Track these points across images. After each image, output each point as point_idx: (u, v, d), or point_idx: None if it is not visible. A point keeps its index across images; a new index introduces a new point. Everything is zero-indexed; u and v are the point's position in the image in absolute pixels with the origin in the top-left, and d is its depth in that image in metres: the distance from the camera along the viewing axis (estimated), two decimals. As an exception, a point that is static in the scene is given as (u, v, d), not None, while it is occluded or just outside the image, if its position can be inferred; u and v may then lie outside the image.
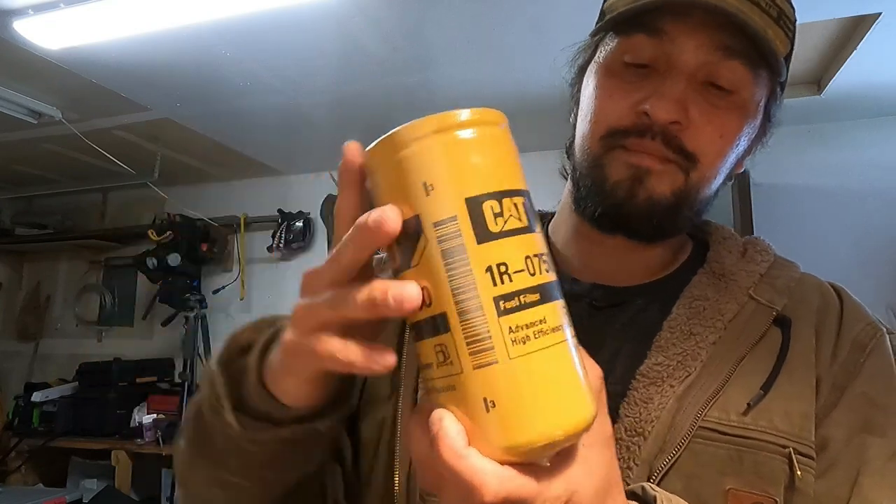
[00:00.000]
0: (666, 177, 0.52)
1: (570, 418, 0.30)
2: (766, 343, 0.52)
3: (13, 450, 3.06)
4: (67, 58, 2.06)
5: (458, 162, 0.29)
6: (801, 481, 0.47)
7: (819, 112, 2.66)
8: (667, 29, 0.51)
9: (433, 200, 0.29)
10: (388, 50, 2.06)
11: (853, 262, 2.52)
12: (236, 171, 3.46)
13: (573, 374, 0.30)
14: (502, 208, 0.29)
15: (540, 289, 0.29)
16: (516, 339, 0.29)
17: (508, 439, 0.29)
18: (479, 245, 0.28)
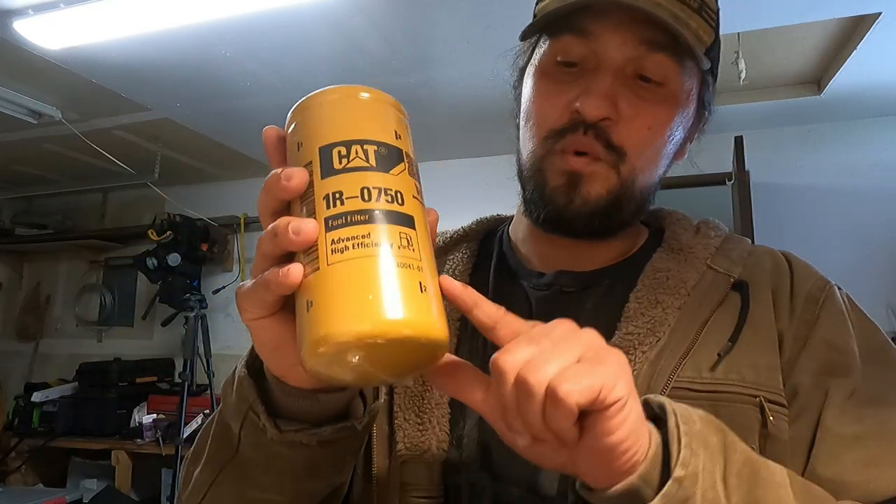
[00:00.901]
0: (598, 177, 0.54)
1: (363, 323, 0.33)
2: (727, 306, 0.54)
3: (13, 450, 3.07)
4: (67, 58, 2.07)
5: (313, 123, 0.38)
6: (773, 427, 0.49)
7: (819, 112, 2.66)
8: (592, 29, 0.53)
9: (302, 153, 0.38)
10: (388, 50, 2.06)
11: (853, 261, 2.52)
12: (236, 171, 3.46)
13: (393, 282, 0.34)
14: (349, 152, 0.37)
15: (370, 212, 0.35)
16: (336, 249, 0.34)
17: (314, 334, 0.33)
18: (322, 179, 0.36)
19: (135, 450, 2.85)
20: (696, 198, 2.92)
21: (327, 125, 0.38)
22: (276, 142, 0.40)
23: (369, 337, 0.33)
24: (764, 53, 2.26)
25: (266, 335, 0.40)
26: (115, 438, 2.92)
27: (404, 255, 0.35)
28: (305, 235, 0.35)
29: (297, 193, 0.36)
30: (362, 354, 0.34)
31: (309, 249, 0.35)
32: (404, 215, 0.36)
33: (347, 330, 0.33)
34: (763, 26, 1.94)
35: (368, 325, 0.33)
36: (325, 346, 0.33)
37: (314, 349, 0.33)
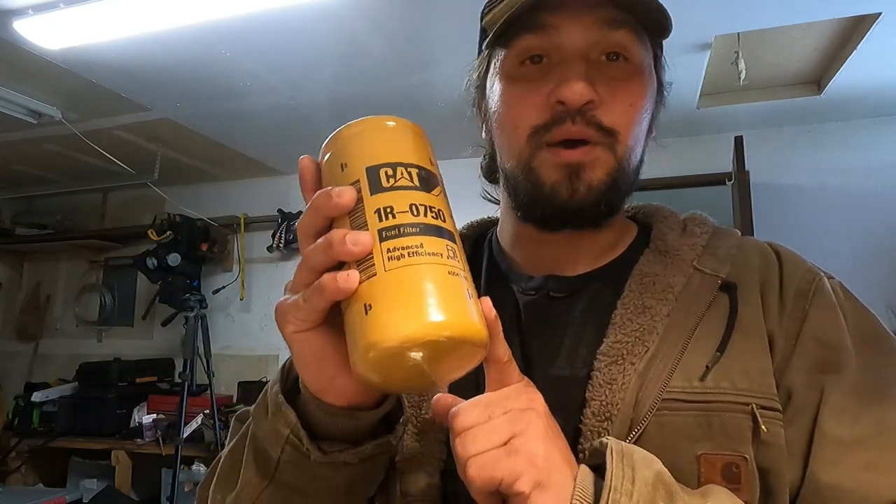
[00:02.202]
0: (597, 163, 0.54)
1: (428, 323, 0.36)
2: (716, 310, 0.53)
3: (13, 450, 3.07)
4: (67, 58, 2.07)
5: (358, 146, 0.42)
6: (767, 434, 0.48)
7: (819, 112, 2.66)
8: (550, 22, 0.53)
9: (346, 173, 0.41)
10: (388, 50, 2.06)
11: (853, 261, 2.53)
12: (236, 171, 3.46)
13: (441, 285, 0.37)
14: (395, 172, 0.40)
15: (420, 225, 0.38)
16: (392, 257, 0.37)
17: (379, 333, 0.36)
18: (371, 196, 0.39)
19: (135, 450, 2.85)
20: (696, 198, 2.93)
21: (372, 148, 0.41)
22: (314, 168, 0.43)
23: (434, 335, 0.36)
24: (764, 53, 2.26)
25: (309, 348, 0.42)
26: (115, 438, 2.93)
27: (452, 265, 0.38)
28: (363, 245, 0.37)
29: (348, 209, 0.39)
30: (423, 353, 0.37)
31: (361, 260, 0.37)
32: (448, 230, 0.40)
33: (415, 328, 0.35)
34: (763, 26, 1.94)
35: (432, 327, 0.36)
36: (391, 345, 0.36)
37: (380, 347, 0.36)
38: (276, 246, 3.35)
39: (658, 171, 2.85)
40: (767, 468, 0.49)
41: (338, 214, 0.39)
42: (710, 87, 2.47)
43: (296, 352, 0.43)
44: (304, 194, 0.42)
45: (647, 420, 0.48)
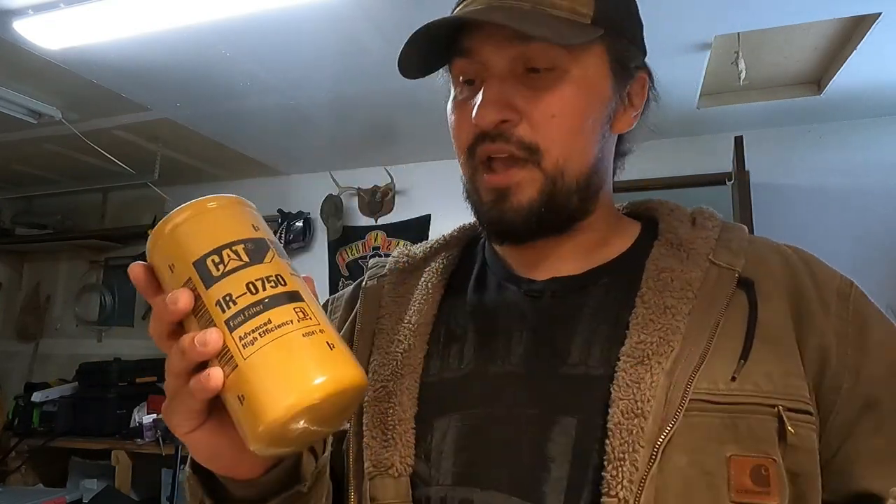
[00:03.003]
0: (524, 184, 0.54)
1: (298, 395, 0.37)
2: (734, 308, 0.53)
3: (13, 450, 3.06)
4: (67, 58, 2.06)
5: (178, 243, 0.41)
6: (794, 437, 0.48)
7: (819, 112, 2.66)
8: (469, 46, 0.55)
9: (176, 274, 0.40)
10: (388, 50, 2.06)
11: (853, 261, 2.51)
12: (236, 171, 3.46)
13: (300, 353, 0.38)
14: (222, 258, 0.40)
15: (263, 301, 0.39)
16: (246, 343, 0.37)
17: (257, 421, 0.37)
18: (207, 290, 0.39)
19: (135, 450, 2.85)
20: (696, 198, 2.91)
21: (193, 241, 0.40)
22: (146, 275, 0.42)
23: (306, 404, 0.37)
24: (764, 53, 2.26)
25: (201, 445, 0.43)
26: (115, 438, 2.92)
27: (305, 325, 0.39)
28: (213, 344, 0.37)
29: (186, 312, 0.39)
30: (304, 420, 0.38)
31: (220, 354, 0.38)
32: (291, 293, 0.40)
33: (287, 406, 0.36)
34: (763, 26, 1.94)
35: (302, 395, 0.37)
36: (272, 427, 0.37)
37: (263, 434, 0.37)
38: (276, 246, 3.35)
39: (658, 171, 2.86)
40: (797, 471, 0.48)
41: (177, 319, 0.40)
42: (710, 87, 2.47)
43: (192, 451, 0.45)
44: (148, 300, 0.42)
45: (677, 419, 0.47)
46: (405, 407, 0.56)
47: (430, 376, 0.58)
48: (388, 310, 0.64)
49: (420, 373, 0.58)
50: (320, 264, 3.39)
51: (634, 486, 0.45)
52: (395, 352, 0.59)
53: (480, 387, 0.55)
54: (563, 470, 0.49)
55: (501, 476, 0.51)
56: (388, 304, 0.64)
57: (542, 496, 0.49)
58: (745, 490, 0.46)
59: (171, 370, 0.40)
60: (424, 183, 3.22)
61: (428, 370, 0.58)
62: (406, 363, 0.58)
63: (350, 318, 0.67)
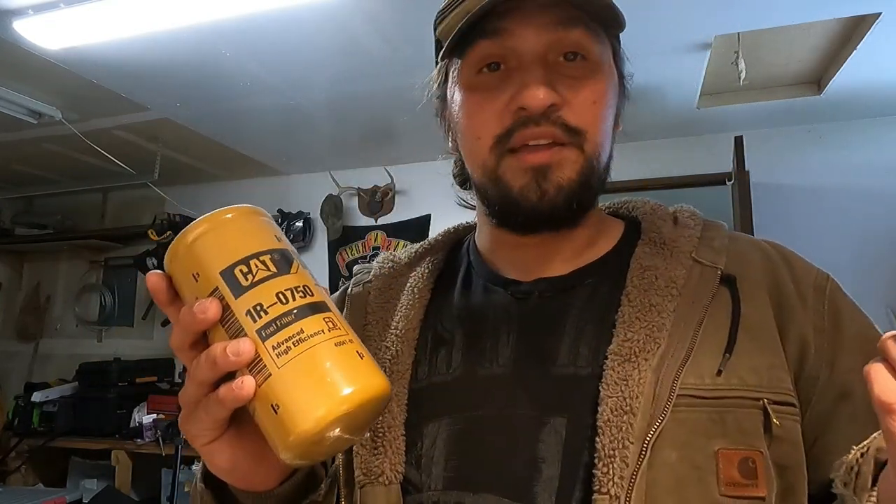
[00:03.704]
0: (565, 162, 0.53)
1: (336, 402, 0.38)
2: (718, 303, 0.54)
3: (13, 450, 3.06)
4: (67, 58, 2.06)
5: (202, 253, 0.41)
6: (780, 429, 0.49)
7: (819, 112, 2.66)
8: (503, 27, 0.53)
9: (201, 283, 0.40)
10: (388, 50, 2.06)
11: (853, 261, 2.53)
12: (236, 171, 3.46)
13: (334, 362, 0.39)
14: (250, 268, 0.40)
15: (294, 311, 0.39)
16: (280, 353, 0.38)
17: (293, 429, 0.37)
18: (236, 299, 0.39)
19: (135, 450, 2.85)
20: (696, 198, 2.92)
21: (219, 251, 0.41)
22: (166, 284, 0.42)
23: (341, 412, 0.38)
24: (764, 53, 2.26)
25: (222, 456, 0.43)
26: (115, 438, 2.92)
27: (335, 335, 0.40)
28: (247, 354, 0.38)
29: (216, 321, 0.39)
30: (339, 428, 0.39)
31: (251, 364, 0.38)
32: (319, 303, 0.41)
33: (322, 415, 0.37)
34: (763, 26, 1.94)
35: (338, 404, 0.38)
36: (308, 435, 0.37)
37: (296, 442, 0.38)
38: (276, 246, 3.35)
39: (658, 171, 2.86)
40: (784, 464, 0.49)
41: (205, 328, 0.40)
42: (710, 87, 2.47)
43: (210, 462, 0.44)
44: (164, 309, 0.42)
45: (665, 414, 0.48)
46: (394, 414, 0.55)
47: (418, 382, 0.58)
48: (375, 316, 0.63)
49: (409, 379, 0.58)
50: (320, 264, 3.39)
51: (625, 483, 0.46)
52: (384, 359, 0.59)
53: (469, 390, 0.55)
54: (553, 469, 0.49)
55: (493, 479, 0.51)
56: (374, 310, 0.64)
57: (534, 496, 0.49)
58: (734, 483, 0.47)
59: (195, 379, 0.40)
60: (424, 183, 3.22)
61: (416, 376, 0.58)
62: (394, 370, 0.58)
63: None
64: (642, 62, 2.14)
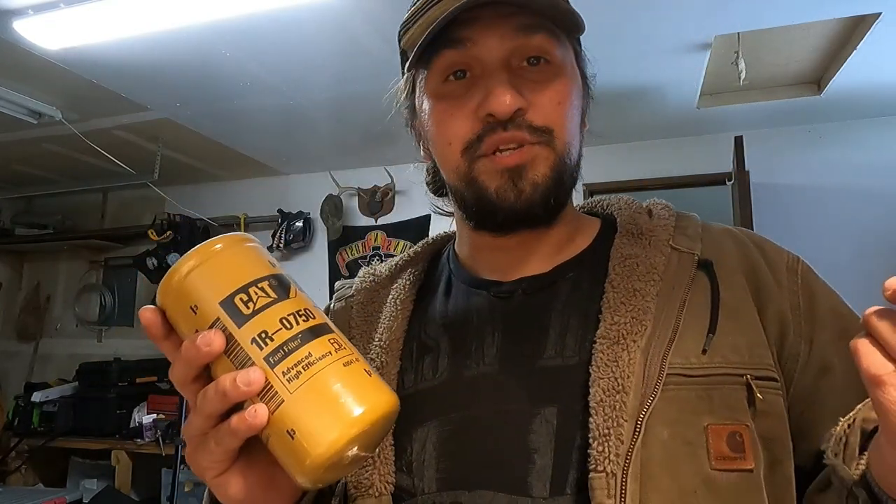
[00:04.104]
0: (538, 160, 0.54)
1: (350, 423, 0.38)
2: (697, 287, 0.55)
3: (13, 450, 3.07)
4: (67, 58, 2.07)
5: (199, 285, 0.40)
6: (763, 403, 0.51)
7: (819, 112, 2.66)
8: (466, 36, 0.54)
9: (200, 315, 0.40)
10: (388, 50, 2.06)
11: (853, 261, 2.53)
12: (236, 171, 3.46)
13: (344, 382, 0.39)
14: (250, 296, 0.40)
15: (299, 335, 0.39)
16: (290, 378, 0.38)
17: (312, 453, 0.37)
18: (239, 328, 0.39)
19: (135, 450, 2.85)
20: (696, 198, 2.92)
21: (216, 281, 0.40)
22: (160, 319, 0.42)
23: (359, 428, 0.38)
24: (764, 53, 2.26)
25: (234, 488, 0.43)
26: (115, 438, 2.93)
27: (342, 356, 0.40)
28: (257, 383, 0.38)
29: (220, 353, 0.39)
30: (356, 447, 0.39)
31: (261, 392, 0.38)
32: (322, 325, 0.41)
33: (341, 432, 0.38)
34: (763, 26, 1.94)
35: (355, 420, 0.38)
36: (327, 457, 0.38)
37: (319, 465, 0.38)
38: (275, 246, 3.35)
39: (658, 171, 2.86)
40: (770, 436, 0.51)
41: (209, 360, 0.40)
42: (710, 87, 2.48)
43: (223, 493, 0.44)
44: (158, 344, 0.42)
45: (656, 393, 0.49)
46: None
47: (405, 390, 0.58)
48: (359, 330, 0.64)
49: (395, 389, 0.57)
50: (320, 264, 3.39)
51: (621, 460, 0.47)
52: None
53: (456, 392, 0.56)
54: (546, 458, 0.50)
55: (486, 475, 0.51)
56: (357, 324, 0.65)
57: (529, 487, 0.50)
58: (723, 457, 0.48)
59: (203, 412, 0.40)
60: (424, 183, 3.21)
61: (403, 385, 0.59)
62: None
63: None
64: (642, 62, 2.14)
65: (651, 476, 0.47)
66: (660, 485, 0.47)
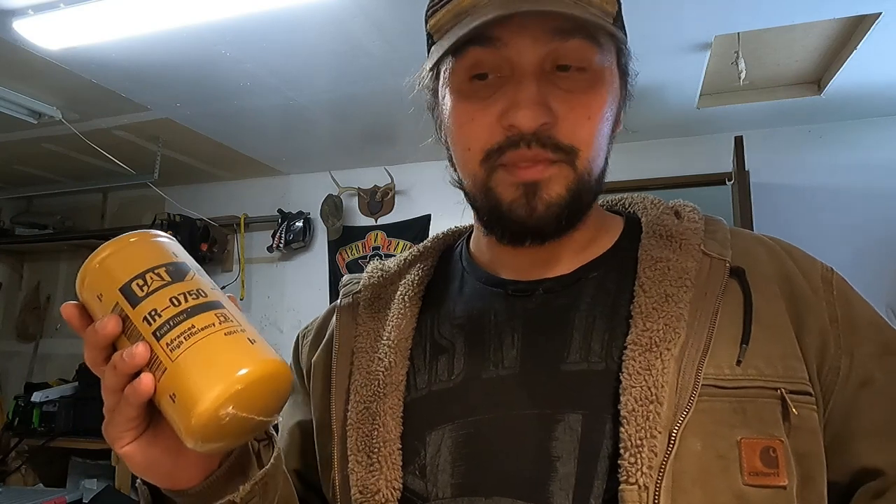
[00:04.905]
0: (555, 179, 0.52)
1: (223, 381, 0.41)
2: (729, 295, 0.53)
3: (13, 450, 3.06)
4: (67, 58, 2.06)
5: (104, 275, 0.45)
6: (797, 418, 0.49)
7: (819, 112, 2.66)
8: (498, 35, 0.51)
9: (104, 302, 0.44)
10: (388, 50, 2.06)
11: (853, 261, 2.52)
12: (236, 171, 3.46)
13: (222, 348, 0.42)
14: (146, 280, 0.43)
15: (185, 311, 0.43)
16: (173, 347, 0.41)
17: (189, 413, 0.40)
18: (133, 309, 0.43)
19: (135, 450, 2.84)
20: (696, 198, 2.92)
21: (118, 270, 0.44)
22: (78, 311, 0.45)
23: (232, 390, 0.41)
24: (764, 53, 2.26)
25: (139, 457, 0.46)
26: (115, 438, 2.92)
27: (227, 327, 0.43)
28: (140, 355, 0.41)
29: (116, 334, 0.43)
30: (233, 406, 0.41)
31: (150, 362, 0.42)
32: (211, 302, 0.44)
33: (215, 395, 0.40)
34: (763, 26, 1.94)
35: (228, 383, 0.41)
36: (204, 416, 0.40)
37: (197, 425, 0.40)
38: (276, 246, 3.35)
39: (658, 171, 2.86)
40: (803, 452, 0.49)
41: (108, 342, 0.43)
42: (710, 87, 2.47)
43: (131, 465, 0.47)
44: (81, 335, 0.45)
45: (691, 405, 0.47)
46: (389, 427, 0.54)
47: (418, 391, 0.56)
48: (366, 327, 0.62)
49: (403, 390, 0.56)
50: (320, 264, 3.39)
51: (654, 473, 0.45)
52: (377, 370, 0.58)
53: (474, 394, 0.54)
54: (569, 466, 0.48)
55: (505, 481, 0.49)
56: (364, 321, 0.63)
57: (549, 496, 0.48)
58: (757, 472, 0.47)
59: (106, 388, 0.43)
60: (424, 183, 3.22)
61: (416, 385, 0.57)
62: (387, 381, 0.57)
63: (323, 342, 0.66)
64: (642, 62, 2.13)
65: (683, 490, 0.45)
66: (691, 499, 0.45)
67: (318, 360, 0.64)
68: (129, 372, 0.42)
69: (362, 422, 0.56)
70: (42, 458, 3.09)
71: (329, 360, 0.62)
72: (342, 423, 0.57)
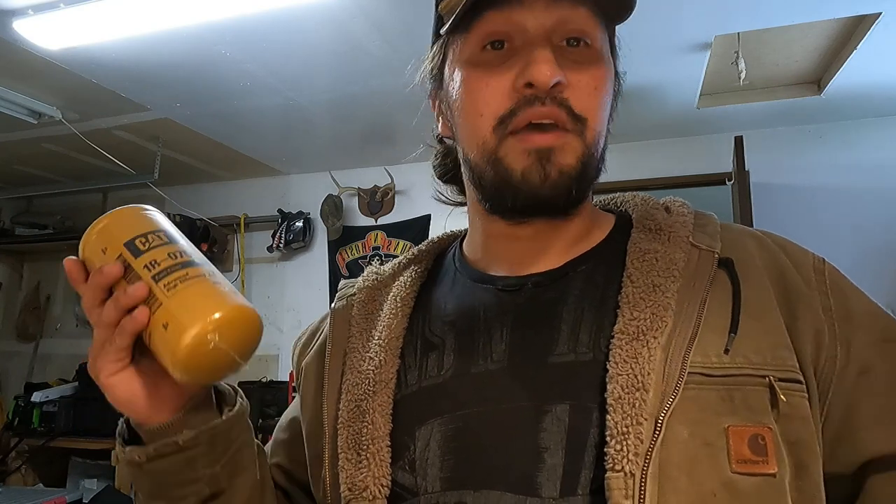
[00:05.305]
0: (567, 148, 0.53)
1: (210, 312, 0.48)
2: (717, 285, 0.54)
3: (13, 450, 3.07)
4: (67, 58, 2.07)
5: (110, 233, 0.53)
6: (786, 405, 0.49)
7: (819, 112, 2.66)
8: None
9: (108, 253, 0.51)
10: (388, 50, 2.07)
11: (853, 261, 2.51)
12: (236, 171, 3.46)
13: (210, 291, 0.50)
14: (147, 239, 0.51)
15: (181, 263, 0.50)
16: (169, 287, 0.49)
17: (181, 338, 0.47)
18: (136, 259, 0.50)
19: (135, 450, 2.84)
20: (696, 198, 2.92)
21: (124, 229, 0.52)
22: (79, 266, 0.53)
23: (217, 320, 0.48)
24: (764, 53, 2.26)
25: (121, 388, 0.52)
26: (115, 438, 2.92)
27: (214, 279, 0.51)
28: (140, 289, 0.48)
29: (117, 277, 0.50)
30: (218, 333, 0.47)
31: (146, 300, 0.49)
32: (202, 262, 0.52)
33: (204, 319, 0.47)
34: (763, 26, 1.94)
35: (216, 313, 0.48)
36: (193, 335, 0.46)
37: (185, 343, 0.46)
38: (276, 246, 3.35)
39: (658, 171, 2.86)
40: (794, 440, 0.49)
41: (109, 283, 0.50)
42: (710, 87, 2.48)
43: (111, 395, 0.53)
44: (77, 287, 0.52)
45: (677, 393, 0.47)
46: (378, 424, 0.55)
47: (408, 388, 0.57)
48: (359, 328, 0.63)
49: (393, 388, 0.57)
50: (320, 264, 3.39)
51: (640, 460, 0.45)
52: (367, 369, 0.58)
53: (462, 389, 0.54)
54: (557, 457, 0.48)
55: (493, 474, 0.50)
56: (357, 322, 0.64)
57: (538, 486, 0.48)
58: (745, 460, 0.46)
59: (101, 322, 0.49)
60: (424, 183, 3.19)
61: (406, 382, 0.57)
62: (378, 379, 0.57)
63: (315, 345, 0.67)
64: (643, 62, 2.14)
65: (669, 477, 0.45)
66: (678, 486, 0.45)
67: (310, 362, 0.66)
68: (128, 305, 0.48)
69: (353, 420, 0.56)
70: (42, 458, 3.09)
71: (321, 363, 0.63)
72: (333, 422, 0.58)
